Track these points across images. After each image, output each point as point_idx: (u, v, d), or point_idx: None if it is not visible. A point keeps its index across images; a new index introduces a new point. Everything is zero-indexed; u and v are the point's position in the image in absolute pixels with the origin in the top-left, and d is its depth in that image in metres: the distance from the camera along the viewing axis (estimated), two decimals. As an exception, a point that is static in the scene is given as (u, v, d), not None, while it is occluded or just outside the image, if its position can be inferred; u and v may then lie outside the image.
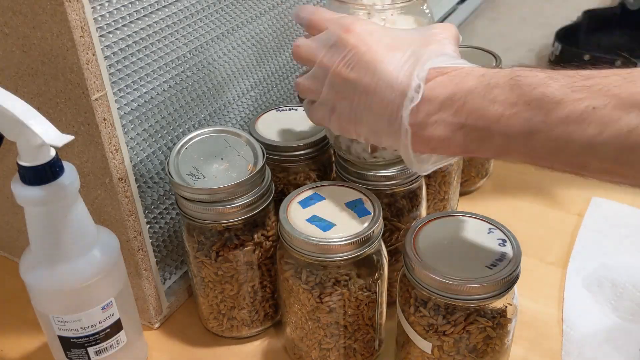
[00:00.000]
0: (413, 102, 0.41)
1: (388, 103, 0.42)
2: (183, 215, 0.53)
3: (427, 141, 0.42)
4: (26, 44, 0.46)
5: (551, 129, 0.37)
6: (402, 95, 0.42)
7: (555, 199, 0.73)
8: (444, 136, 0.41)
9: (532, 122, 0.37)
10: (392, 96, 0.42)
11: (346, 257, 0.47)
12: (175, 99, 0.55)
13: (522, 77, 0.38)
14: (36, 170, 0.42)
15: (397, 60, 0.42)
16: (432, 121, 0.41)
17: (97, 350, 0.49)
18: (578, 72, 0.37)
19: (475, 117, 0.39)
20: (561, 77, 0.37)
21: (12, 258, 0.68)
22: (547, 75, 0.37)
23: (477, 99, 0.39)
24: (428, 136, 0.42)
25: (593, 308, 0.58)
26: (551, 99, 0.36)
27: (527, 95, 0.37)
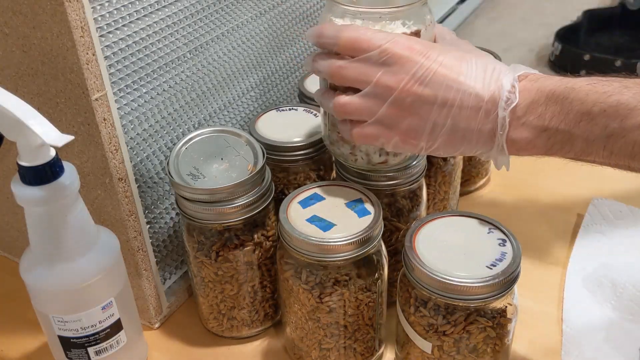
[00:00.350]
0: (512, 102, 0.44)
1: (477, 111, 0.44)
2: (183, 215, 0.53)
3: (513, 142, 0.45)
4: (26, 44, 0.46)
5: (627, 134, 0.40)
6: (493, 102, 0.44)
7: (555, 199, 0.73)
8: (529, 138, 0.44)
9: (609, 128, 0.41)
10: (481, 104, 0.44)
11: (346, 257, 0.47)
12: (175, 99, 0.55)
13: (598, 85, 0.42)
14: (36, 170, 0.42)
15: (472, 72, 0.45)
16: (520, 124, 0.44)
17: (97, 350, 0.49)
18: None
19: (557, 121, 0.43)
20: (634, 85, 0.41)
21: (12, 258, 0.68)
22: (622, 85, 0.41)
23: (557, 104, 0.43)
24: (515, 138, 0.44)
25: (593, 308, 0.58)
26: (626, 106, 0.40)
27: (602, 103, 0.41)
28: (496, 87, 0.44)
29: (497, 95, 0.44)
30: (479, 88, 0.44)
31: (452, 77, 0.44)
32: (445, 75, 0.45)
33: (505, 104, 0.44)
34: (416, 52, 0.45)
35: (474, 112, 0.45)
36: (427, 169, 0.59)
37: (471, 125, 0.45)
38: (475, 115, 0.45)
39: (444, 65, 0.45)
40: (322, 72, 0.48)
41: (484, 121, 0.45)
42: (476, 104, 0.44)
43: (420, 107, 0.45)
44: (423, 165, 0.56)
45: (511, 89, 0.44)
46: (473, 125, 0.45)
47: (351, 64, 0.47)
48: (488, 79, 0.45)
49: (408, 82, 0.45)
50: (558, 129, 0.43)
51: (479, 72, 0.45)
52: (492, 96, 0.44)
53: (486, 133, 0.45)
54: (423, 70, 0.45)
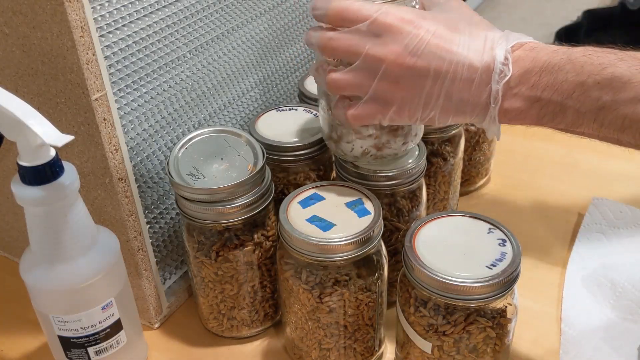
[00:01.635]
0: (505, 75, 0.43)
1: (471, 82, 0.44)
2: (183, 215, 0.53)
3: (505, 112, 0.44)
4: (26, 44, 0.46)
5: (619, 107, 0.40)
6: (487, 72, 0.43)
7: (555, 199, 0.73)
8: (522, 108, 0.44)
9: (601, 100, 0.40)
10: (475, 75, 0.44)
11: (346, 257, 0.47)
12: (175, 99, 0.55)
13: (593, 57, 0.41)
14: (36, 170, 0.42)
15: (465, 41, 0.44)
16: (512, 94, 0.44)
17: (97, 350, 0.49)
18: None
19: (549, 92, 0.42)
20: (631, 59, 0.41)
21: (12, 258, 0.68)
22: (617, 57, 0.41)
23: (551, 75, 0.42)
24: (507, 108, 0.44)
25: (592, 307, 0.58)
26: (619, 79, 0.40)
27: (597, 75, 0.41)
28: (490, 57, 0.43)
29: (490, 66, 0.43)
30: (473, 58, 0.44)
31: (445, 47, 0.43)
32: (438, 46, 0.43)
33: (498, 77, 0.43)
34: (407, 22, 0.44)
35: (467, 84, 0.44)
36: (427, 169, 0.59)
37: (464, 97, 0.45)
38: (469, 87, 0.44)
39: (436, 35, 0.44)
40: (314, 44, 0.47)
41: (478, 93, 0.44)
42: (469, 75, 0.44)
43: (413, 79, 0.44)
44: (423, 165, 0.56)
45: (504, 60, 0.43)
46: (466, 97, 0.44)
47: (341, 35, 0.46)
48: (481, 49, 0.44)
49: (399, 53, 0.44)
50: (551, 99, 0.43)
51: (473, 41, 0.44)
52: (486, 67, 0.43)
53: (480, 104, 0.45)
54: (415, 41, 0.43)
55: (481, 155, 0.72)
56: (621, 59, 0.41)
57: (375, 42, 0.44)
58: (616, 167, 0.76)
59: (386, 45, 0.44)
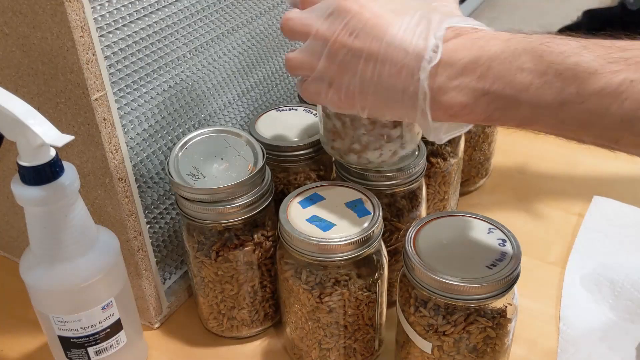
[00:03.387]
0: (431, 63, 0.39)
1: (401, 68, 0.40)
2: (183, 215, 0.53)
3: (447, 107, 0.40)
4: (26, 44, 0.46)
5: (585, 100, 0.35)
6: (417, 58, 0.40)
7: (555, 199, 0.73)
8: (466, 102, 0.39)
9: (564, 93, 0.36)
10: (405, 60, 0.40)
11: (346, 257, 0.47)
12: (175, 99, 0.55)
13: (553, 45, 0.36)
14: (36, 170, 0.42)
15: (406, 23, 0.41)
16: (453, 86, 0.39)
17: (97, 350, 0.49)
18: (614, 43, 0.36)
19: (501, 84, 0.38)
20: (596, 47, 0.36)
21: (12, 258, 0.68)
22: (580, 45, 0.36)
23: (503, 65, 0.38)
24: (448, 102, 0.40)
25: (591, 307, 0.58)
26: (585, 69, 0.35)
27: (559, 64, 0.36)
28: (423, 43, 0.39)
29: (422, 53, 0.39)
30: (406, 42, 0.40)
31: (382, 27, 0.41)
32: (375, 26, 0.41)
33: (427, 65, 0.39)
34: (355, 2, 0.42)
35: (397, 69, 0.40)
36: (427, 169, 0.59)
37: (395, 85, 0.41)
38: (399, 73, 0.40)
39: (377, 15, 0.41)
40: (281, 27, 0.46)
41: (408, 81, 0.40)
42: (400, 59, 0.40)
43: (351, 60, 0.42)
44: (423, 165, 0.55)
45: (434, 47, 0.39)
46: (397, 85, 0.41)
47: (297, 15, 0.45)
48: (418, 32, 0.40)
49: (339, 32, 0.42)
50: (502, 93, 0.38)
51: (413, 23, 0.40)
52: (417, 53, 0.39)
53: (410, 95, 0.41)
54: (355, 20, 0.42)
55: (481, 155, 0.72)
56: (585, 47, 0.36)
57: (324, 22, 0.43)
58: (616, 167, 0.76)
59: (331, 25, 0.43)
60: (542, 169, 0.78)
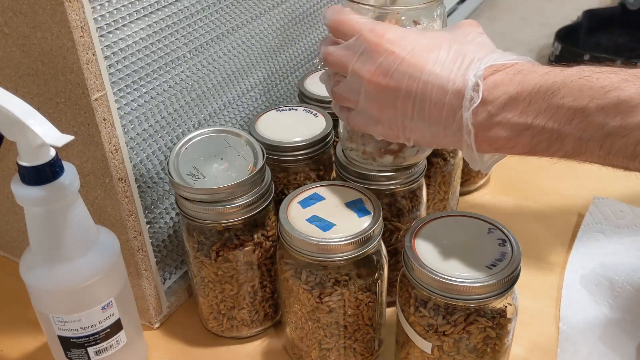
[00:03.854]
0: (474, 103, 0.40)
1: (442, 106, 0.41)
2: (183, 215, 0.53)
3: (491, 142, 0.41)
4: (26, 44, 0.46)
5: (630, 133, 0.36)
6: (458, 97, 0.40)
7: (555, 198, 0.73)
8: (510, 137, 0.40)
9: (608, 127, 0.37)
10: (445, 99, 0.41)
11: (346, 257, 0.47)
12: (175, 99, 0.55)
13: (592, 79, 0.37)
14: (36, 170, 0.42)
15: (442, 59, 0.41)
16: (495, 122, 0.40)
17: (97, 350, 0.49)
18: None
19: (543, 119, 0.38)
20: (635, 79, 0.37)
21: (12, 258, 0.68)
22: (620, 78, 0.37)
23: (543, 100, 0.38)
24: (492, 137, 0.41)
25: (590, 306, 0.58)
26: (628, 102, 0.36)
27: (600, 99, 0.36)
28: (462, 81, 0.40)
29: (462, 91, 0.40)
30: (444, 80, 0.40)
31: (418, 66, 0.41)
32: (411, 65, 0.41)
33: (468, 104, 0.40)
34: (386, 40, 0.42)
35: (438, 107, 0.41)
36: (427, 169, 0.59)
37: (437, 122, 0.42)
38: (440, 112, 0.41)
39: (412, 54, 0.41)
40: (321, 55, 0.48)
41: (450, 119, 0.41)
42: (439, 98, 0.41)
43: (388, 99, 0.43)
44: (423, 166, 0.55)
45: (475, 85, 0.40)
46: (439, 122, 0.42)
47: (335, 50, 0.46)
48: (456, 70, 0.40)
49: (373, 72, 0.43)
50: (545, 127, 0.39)
51: (449, 59, 0.41)
52: (457, 91, 0.40)
53: (452, 131, 0.42)
54: (389, 60, 0.42)
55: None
56: (625, 80, 0.37)
57: (358, 59, 0.44)
58: (616, 167, 0.76)
59: (365, 64, 0.43)
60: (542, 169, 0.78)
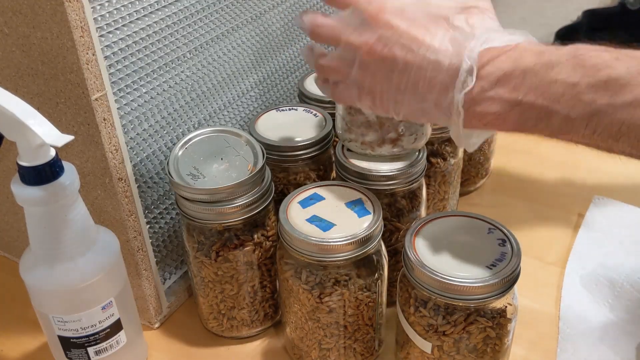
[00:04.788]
0: (467, 85, 0.40)
1: (436, 83, 0.41)
2: (183, 215, 0.53)
3: (480, 117, 0.41)
4: (26, 44, 0.46)
5: (615, 112, 0.36)
6: (452, 76, 0.40)
7: (555, 198, 0.73)
8: (499, 112, 0.40)
9: (595, 105, 0.37)
10: (440, 76, 0.41)
11: (346, 257, 0.47)
12: (175, 99, 0.55)
13: (585, 57, 0.37)
14: (36, 170, 0.42)
15: (440, 35, 0.41)
16: (487, 97, 0.40)
17: (97, 350, 0.49)
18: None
19: (534, 95, 0.39)
20: (628, 59, 0.37)
21: (12, 258, 0.68)
22: (612, 57, 0.37)
23: (536, 77, 0.38)
24: (481, 112, 0.41)
25: (590, 307, 0.58)
26: (617, 81, 0.36)
27: (591, 77, 0.37)
28: (458, 60, 0.40)
29: (456, 70, 0.40)
30: (442, 55, 0.40)
31: (417, 39, 0.41)
32: (411, 36, 0.41)
33: (461, 85, 0.40)
34: (387, 11, 0.42)
35: (432, 83, 0.41)
36: (427, 169, 0.59)
37: (429, 97, 0.42)
38: (433, 87, 0.41)
39: (414, 25, 0.41)
40: (303, 27, 0.47)
41: (442, 95, 0.41)
42: (434, 74, 0.41)
43: (384, 70, 0.43)
44: (423, 165, 0.55)
45: (469, 68, 0.40)
46: (431, 97, 0.42)
47: (326, 22, 0.45)
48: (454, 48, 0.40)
49: (373, 43, 0.42)
50: (534, 103, 0.39)
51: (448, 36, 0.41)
52: (452, 70, 0.40)
53: (443, 108, 0.42)
54: (390, 31, 0.42)
55: (481, 155, 0.72)
56: (617, 59, 0.37)
57: (354, 30, 0.44)
58: (617, 167, 0.76)
59: (362, 34, 0.43)
60: (542, 169, 0.78)
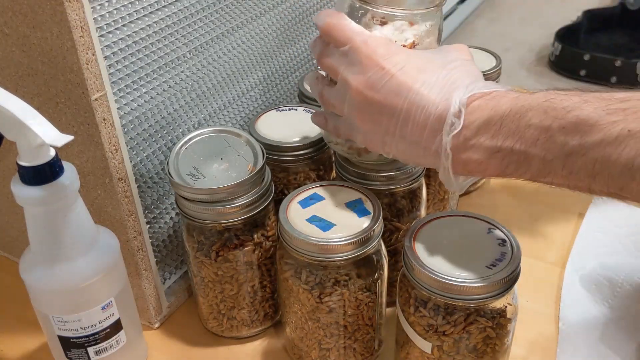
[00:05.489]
0: (455, 128, 0.41)
1: (423, 128, 0.42)
2: (183, 215, 0.53)
3: (464, 164, 0.42)
4: (26, 44, 0.46)
5: (588, 152, 0.37)
6: (439, 120, 0.41)
7: (556, 198, 0.73)
8: (480, 160, 0.41)
9: (568, 146, 0.37)
10: (427, 121, 0.42)
11: (346, 257, 0.47)
12: (175, 99, 0.55)
13: (556, 101, 0.38)
14: (36, 170, 0.42)
15: (429, 83, 0.42)
16: (469, 145, 0.41)
17: (97, 350, 0.49)
18: (613, 95, 0.37)
19: (511, 141, 0.40)
20: (596, 100, 0.37)
21: (12, 258, 0.68)
22: (581, 99, 0.38)
23: (513, 123, 0.39)
24: (464, 159, 0.42)
25: (590, 307, 0.58)
26: (586, 121, 0.37)
27: (561, 119, 0.38)
28: (445, 106, 0.41)
29: (443, 115, 0.41)
30: (429, 102, 0.42)
31: (406, 85, 0.42)
32: (400, 82, 0.42)
33: (449, 128, 0.41)
34: (379, 55, 0.43)
35: (420, 128, 0.42)
36: (427, 169, 0.59)
37: (418, 142, 0.43)
38: (421, 132, 0.42)
39: (402, 71, 0.43)
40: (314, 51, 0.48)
41: (429, 140, 0.42)
42: (423, 119, 0.42)
43: (373, 113, 0.44)
44: (423, 165, 0.56)
45: (457, 112, 0.41)
46: (420, 142, 0.43)
47: (326, 53, 0.46)
48: (442, 95, 0.42)
49: (362, 85, 0.43)
50: (513, 149, 0.40)
51: (438, 84, 0.42)
52: (439, 115, 0.41)
53: (431, 153, 0.43)
54: (379, 74, 0.43)
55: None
56: (586, 101, 0.37)
57: (348, 67, 0.44)
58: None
59: (355, 74, 0.44)
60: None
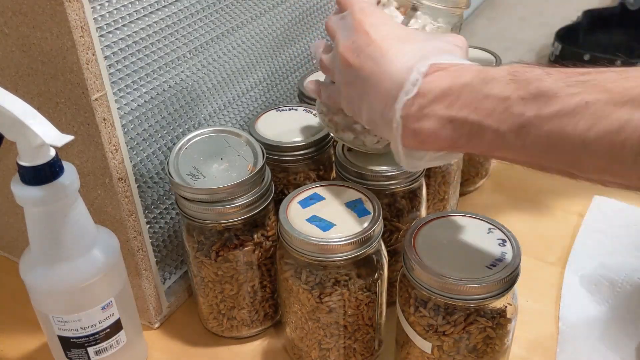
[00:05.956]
0: (408, 95, 0.40)
1: (385, 94, 0.42)
2: (183, 215, 0.53)
3: (415, 134, 0.41)
4: (26, 44, 0.46)
5: (543, 123, 0.36)
6: (398, 88, 0.41)
7: (556, 198, 0.73)
8: (432, 129, 0.40)
9: (524, 117, 0.36)
10: (389, 87, 0.42)
11: (346, 257, 0.47)
12: (175, 99, 0.55)
13: (519, 73, 0.38)
14: (36, 170, 0.42)
15: (402, 53, 0.42)
16: (423, 114, 0.40)
17: (97, 350, 0.49)
18: (575, 69, 0.37)
19: (466, 111, 0.39)
20: (557, 72, 0.37)
21: (12, 258, 0.68)
22: (544, 71, 0.37)
23: (471, 93, 0.39)
24: (416, 129, 0.41)
25: (590, 306, 0.58)
26: (545, 92, 0.36)
27: (521, 90, 0.37)
28: (407, 73, 0.41)
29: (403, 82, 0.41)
30: (396, 69, 0.41)
31: (382, 51, 0.42)
32: (377, 49, 0.43)
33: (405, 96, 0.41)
34: (368, 23, 0.44)
35: (383, 95, 0.42)
36: (427, 169, 0.59)
37: (379, 109, 0.43)
38: (383, 99, 0.42)
39: (383, 39, 0.43)
40: None
41: (388, 108, 0.42)
42: (387, 86, 0.42)
43: (351, 76, 0.44)
44: (423, 165, 0.55)
45: (415, 80, 0.40)
46: (380, 109, 0.43)
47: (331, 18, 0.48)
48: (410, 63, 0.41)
49: (346, 48, 0.44)
50: (467, 119, 0.39)
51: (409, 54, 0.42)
52: (400, 83, 0.41)
53: (388, 121, 0.42)
54: (363, 39, 0.43)
55: (481, 156, 0.72)
56: (548, 73, 0.37)
57: (342, 31, 0.46)
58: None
59: (344, 38, 0.45)
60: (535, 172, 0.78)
